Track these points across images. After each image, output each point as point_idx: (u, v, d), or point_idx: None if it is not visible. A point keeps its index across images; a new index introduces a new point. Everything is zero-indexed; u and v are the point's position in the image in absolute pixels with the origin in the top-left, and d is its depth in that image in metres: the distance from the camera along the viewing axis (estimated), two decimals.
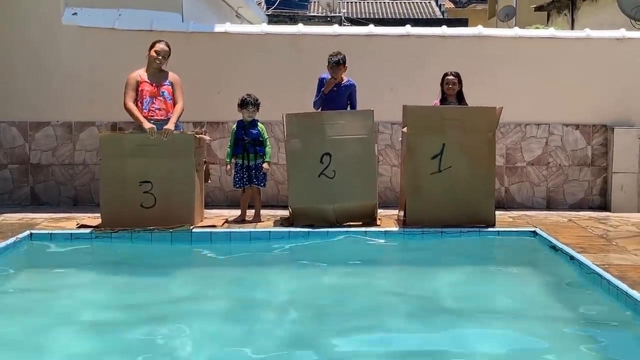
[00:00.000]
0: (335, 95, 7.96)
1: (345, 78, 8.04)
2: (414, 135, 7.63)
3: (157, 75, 7.63)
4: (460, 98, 8.08)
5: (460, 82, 8.06)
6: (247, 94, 7.83)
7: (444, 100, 8.10)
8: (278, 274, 6.51)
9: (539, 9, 21.99)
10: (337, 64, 7.86)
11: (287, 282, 6.24)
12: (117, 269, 6.50)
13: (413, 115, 7.67)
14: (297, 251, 7.02)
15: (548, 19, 21.78)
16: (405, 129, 7.73)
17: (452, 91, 8.04)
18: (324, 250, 7.10)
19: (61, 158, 9.08)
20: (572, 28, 18.79)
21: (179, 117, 7.61)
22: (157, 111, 7.58)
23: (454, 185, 7.59)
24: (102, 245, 7.02)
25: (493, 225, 7.54)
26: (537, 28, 13.24)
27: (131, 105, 7.48)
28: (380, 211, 7.87)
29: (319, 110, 7.97)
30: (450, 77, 8.03)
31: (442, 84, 8.09)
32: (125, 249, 6.97)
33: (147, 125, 7.36)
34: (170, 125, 7.42)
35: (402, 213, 7.79)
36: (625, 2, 11.54)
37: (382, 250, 7.22)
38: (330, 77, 7.90)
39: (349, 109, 8.02)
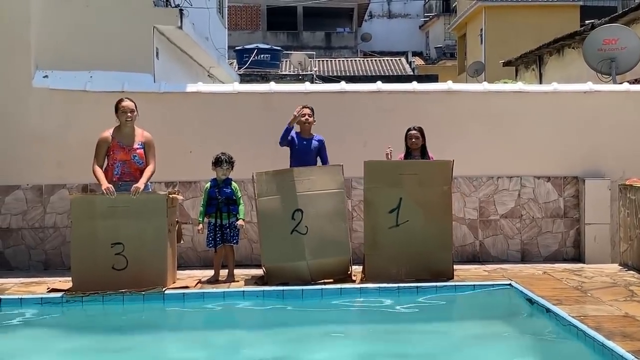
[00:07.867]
0: (305, 151, 8.00)
1: (314, 134, 8.08)
2: (372, 189, 7.70)
3: (129, 136, 7.59)
4: (424, 152, 8.12)
5: (423, 136, 8.10)
6: (222, 152, 7.81)
7: (408, 154, 8.14)
8: (251, 336, 6.40)
9: (507, 64, 22.42)
10: (308, 108, 8.00)
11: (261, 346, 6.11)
12: (87, 333, 6.36)
13: (371, 170, 7.71)
14: (273, 312, 6.92)
15: (516, 74, 22.19)
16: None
17: (415, 145, 8.08)
18: (301, 311, 6.99)
19: (31, 222, 8.94)
20: (540, 82, 19.15)
21: (149, 178, 7.58)
22: (128, 176, 7.53)
23: (411, 239, 7.61)
24: (73, 309, 6.88)
25: (451, 278, 7.55)
26: (505, 82, 13.42)
27: (96, 167, 7.48)
28: (355, 267, 7.80)
29: (283, 145, 7.98)
30: (413, 132, 8.09)
31: (405, 139, 8.14)
32: (96, 313, 6.84)
33: (104, 185, 7.31)
34: (140, 184, 7.38)
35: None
36: (592, 56, 11.77)
37: (360, 309, 7.13)
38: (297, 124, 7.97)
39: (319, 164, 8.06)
